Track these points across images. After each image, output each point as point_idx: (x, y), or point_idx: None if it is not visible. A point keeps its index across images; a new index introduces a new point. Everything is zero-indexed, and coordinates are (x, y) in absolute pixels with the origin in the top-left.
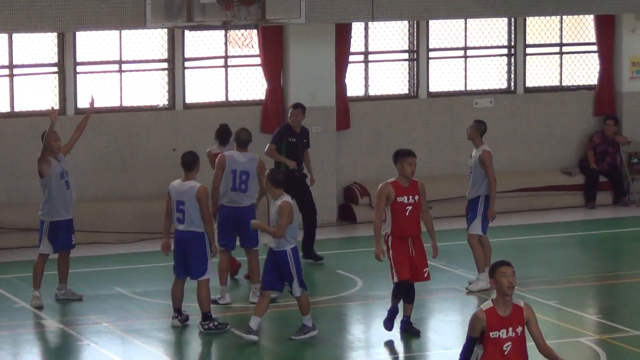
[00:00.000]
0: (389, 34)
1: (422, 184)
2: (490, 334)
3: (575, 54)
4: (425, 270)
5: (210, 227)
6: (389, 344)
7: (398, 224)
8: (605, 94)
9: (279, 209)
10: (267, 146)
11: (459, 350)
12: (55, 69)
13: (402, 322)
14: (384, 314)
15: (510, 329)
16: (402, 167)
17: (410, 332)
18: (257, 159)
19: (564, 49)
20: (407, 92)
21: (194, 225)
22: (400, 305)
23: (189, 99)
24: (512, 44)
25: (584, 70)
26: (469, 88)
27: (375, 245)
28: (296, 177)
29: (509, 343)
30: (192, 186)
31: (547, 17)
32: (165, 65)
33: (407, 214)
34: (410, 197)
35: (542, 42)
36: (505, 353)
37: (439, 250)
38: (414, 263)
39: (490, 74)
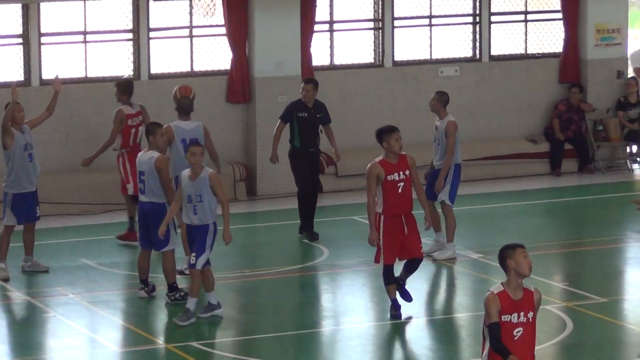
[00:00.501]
0: (354, 3)
1: (411, 157)
2: (502, 317)
3: (540, 22)
4: (420, 247)
5: (171, 198)
6: (357, 313)
7: (390, 202)
8: (570, 62)
9: (214, 181)
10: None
11: (426, 318)
12: (20, 40)
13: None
14: (350, 283)
15: (522, 313)
16: (389, 144)
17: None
18: (202, 125)
19: (529, 16)
20: (372, 61)
21: (155, 196)
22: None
23: (154, 70)
24: (477, 12)
25: (549, 38)
26: (434, 57)
27: (370, 230)
28: (310, 154)
29: (520, 329)
30: (151, 156)
31: None
32: (130, 35)
33: (399, 191)
34: (401, 173)
35: (507, 10)
36: (515, 339)
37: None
38: (408, 240)
39: (455, 43)
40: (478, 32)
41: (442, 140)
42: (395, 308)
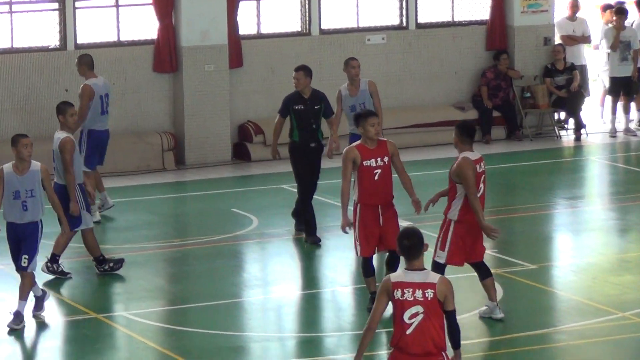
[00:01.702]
0: None
1: (392, 144)
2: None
3: None
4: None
5: (70, 180)
6: (287, 281)
7: (366, 190)
8: (496, 29)
9: (45, 174)
10: None
11: (354, 287)
12: None
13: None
14: (279, 252)
15: (379, 159)
16: (365, 128)
17: None
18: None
19: None
20: (299, 29)
21: (60, 178)
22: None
23: (80, 40)
24: None
25: (476, 5)
26: (361, 25)
27: (342, 216)
28: (312, 149)
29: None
30: (58, 137)
31: None
32: (56, 5)
33: (375, 177)
34: (379, 159)
35: None
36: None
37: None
38: (383, 233)
39: (382, 11)
40: (405, 0)
41: (369, 103)
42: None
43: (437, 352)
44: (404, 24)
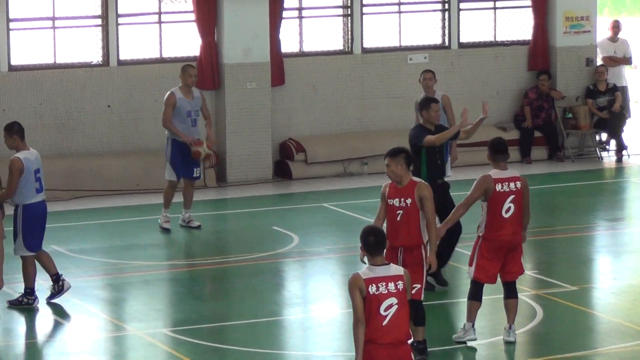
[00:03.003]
0: None
1: (421, 186)
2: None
3: (509, 9)
4: (413, 286)
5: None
6: (327, 300)
7: (388, 230)
8: (539, 49)
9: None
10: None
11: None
12: None
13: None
14: (320, 270)
15: (402, 199)
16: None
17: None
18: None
19: (498, 4)
20: (341, 47)
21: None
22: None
23: (122, 56)
24: None
25: (518, 25)
26: (403, 44)
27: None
28: (439, 186)
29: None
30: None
31: None
32: (99, 21)
33: (397, 218)
34: (402, 200)
35: None
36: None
37: (434, 263)
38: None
39: (424, 30)
40: (447, 19)
41: (442, 115)
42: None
43: (405, 339)
44: (446, 44)
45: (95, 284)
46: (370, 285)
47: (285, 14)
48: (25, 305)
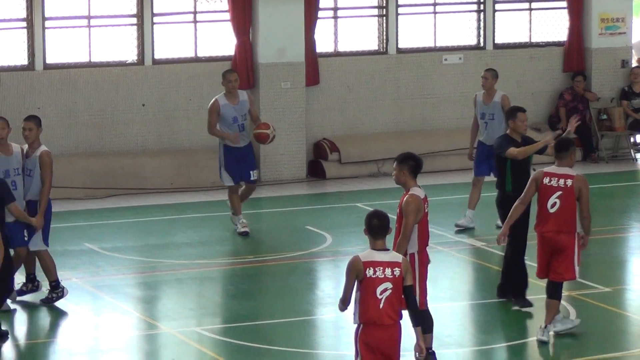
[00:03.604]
0: None
1: (406, 199)
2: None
3: (545, 10)
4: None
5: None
6: None
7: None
8: (574, 51)
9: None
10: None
11: (429, 306)
12: (24, 24)
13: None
14: None
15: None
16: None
17: None
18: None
19: (533, 5)
20: (376, 48)
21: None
22: None
23: (158, 55)
24: (482, 0)
25: (554, 26)
26: (438, 44)
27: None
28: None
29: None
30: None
31: None
32: (134, 20)
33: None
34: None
35: None
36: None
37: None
38: None
39: (459, 30)
40: (482, 20)
41: (498, 115)
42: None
43: (399, 319)
44: (481, 44)
45: (129, 282)
46: (368, 268)
47: (320, 13)
48: (57, 299)
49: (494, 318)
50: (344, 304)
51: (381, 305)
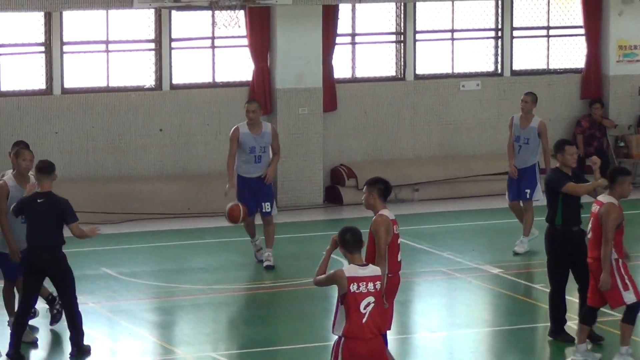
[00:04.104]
0: (376, 16)
1: (375, 220)
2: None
3: (562, 37)
4: None
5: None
6: None
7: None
8: (592, 77)
9: None
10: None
11: (445, 332)
12: (42, 48)
13: None
14: None
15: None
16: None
17: None
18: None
19: (551, 32)
20: (394, 74)
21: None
22: None
23: (175, 80)
24: (499, 26)
25: (571, 53)
26: (455, 71)
27: None
28: (573, 233)
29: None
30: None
31: (534, 0)
32: (152, 45)
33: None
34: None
35: (529, 25)
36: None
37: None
38: None
39: (477, 57)
40: (500, 47)
41: (533, 139)
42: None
43: (379, 334)
44: (499, 71)
45: (145, 307)
46: (352, 284)
47: (338, 39)
48: (59, 314)
49: (510, 345)
50: (317, 277)
51: (364, 320)
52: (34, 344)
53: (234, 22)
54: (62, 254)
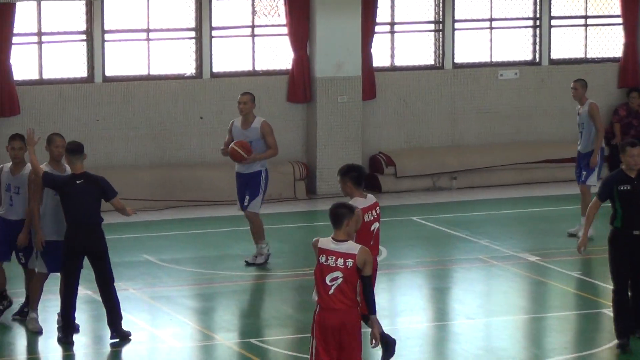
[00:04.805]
0: (415, 5)
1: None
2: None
3: (600, 26)
4: None
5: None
6: (414, 313)
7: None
8: (629, 66)
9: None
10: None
11: (483, 319)
12: (84, 36)
13: None
14: (408, 283)
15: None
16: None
17: None
18: None
19: (589, 20)
20: (432, 62)
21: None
22: None
23: (215, 68)
24: (538, 15)
25: (609, 42)
26: (494, 59)
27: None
28: (634, 237)
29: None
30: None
31: None
32: (192, 34)
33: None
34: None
35: (567, 14)
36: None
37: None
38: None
39: (515, 46)
40: (538, 36)
41: (587, 124)
42: None
43: (354, 305)
44: (537, 60)
45: (186, 293)
46: (321, 255)
47: (377, 28)
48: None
49: (548, 332)
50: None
51: (331, 291)
52: (39, 333)
53: (274, 10)
54: (101, 232)
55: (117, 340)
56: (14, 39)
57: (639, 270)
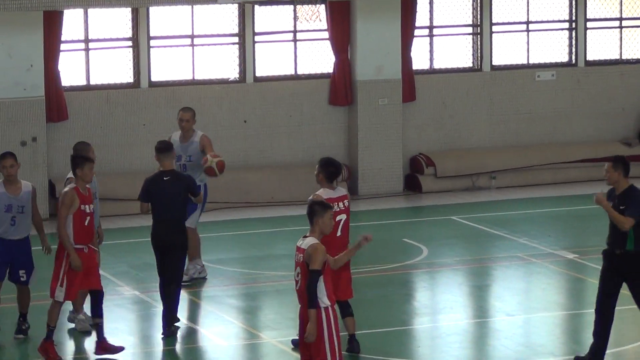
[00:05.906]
0: (454, 9)
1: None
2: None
3: (635, 28)
4: None
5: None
6: (455, 310)
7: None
8: None
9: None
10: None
11: (521, 316)
12: (130, 43)
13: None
14: (448, 281)
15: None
16: None
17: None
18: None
19: (624, 22)
20: (471, 65)
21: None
22: None
23: (259, 73)
24: (574, 18)
25: None
26: (531, 61)
27: None
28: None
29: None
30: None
31: None
32: (236, 39)
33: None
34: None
35: (602, 16)
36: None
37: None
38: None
39: (552, 48)
40: (574, 38)
41: None
42: None
43: (306, 305)
44: (573, 61)
45: (231, 293)
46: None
47: (416, 32)
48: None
49: (585, 328)
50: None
51: (297, 287)
52: (88, 333)
53: (315, 15)
54: (184, 228)
55: (167, 336)
56: (62, 46)
57: None
